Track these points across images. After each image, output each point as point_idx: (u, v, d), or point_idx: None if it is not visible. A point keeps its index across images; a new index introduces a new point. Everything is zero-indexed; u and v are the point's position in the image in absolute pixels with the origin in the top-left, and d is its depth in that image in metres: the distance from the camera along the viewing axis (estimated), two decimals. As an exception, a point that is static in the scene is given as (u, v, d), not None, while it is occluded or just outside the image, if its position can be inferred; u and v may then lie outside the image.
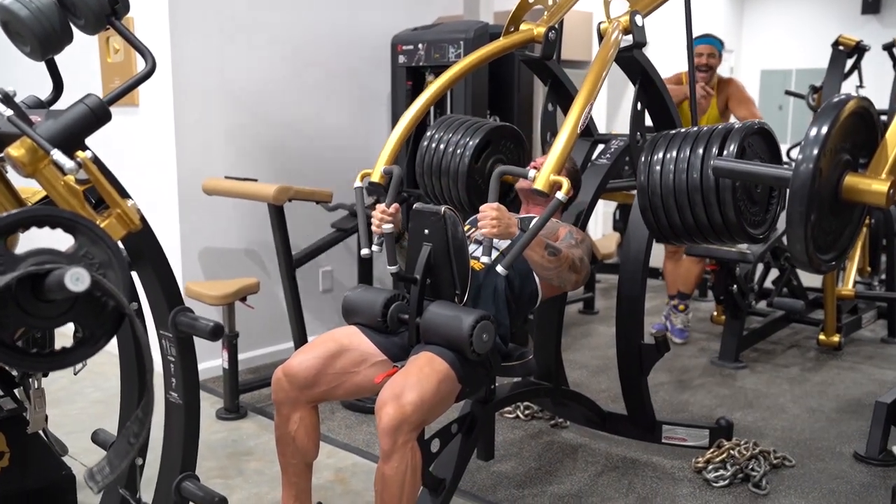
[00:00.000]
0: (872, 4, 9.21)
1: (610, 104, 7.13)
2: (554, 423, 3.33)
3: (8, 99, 1.53)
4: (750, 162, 1.89)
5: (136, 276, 1.87)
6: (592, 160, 3.02)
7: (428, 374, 2.12)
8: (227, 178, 3.57)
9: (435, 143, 2.88)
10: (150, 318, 1.91)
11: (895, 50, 4.88)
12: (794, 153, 5.79)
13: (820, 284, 5.26)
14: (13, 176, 1.58)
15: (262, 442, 3.16)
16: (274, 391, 2.32)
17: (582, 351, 4.43)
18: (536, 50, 2.88)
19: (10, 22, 1.61)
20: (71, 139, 1.52)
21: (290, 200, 3.36)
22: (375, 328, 2.38)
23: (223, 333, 1.71)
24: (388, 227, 2.36)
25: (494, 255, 2.45)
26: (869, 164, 1.69)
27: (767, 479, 2.82)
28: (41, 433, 2.18)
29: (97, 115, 1.56)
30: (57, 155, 1.43)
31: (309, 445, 2.34)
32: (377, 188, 2.53)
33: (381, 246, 2.41)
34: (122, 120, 3.86)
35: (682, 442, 3.02)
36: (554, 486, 2.81)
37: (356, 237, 4.06)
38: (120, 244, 1.80)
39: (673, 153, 2.27)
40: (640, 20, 2.66)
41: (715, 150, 2.18)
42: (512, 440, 3.20)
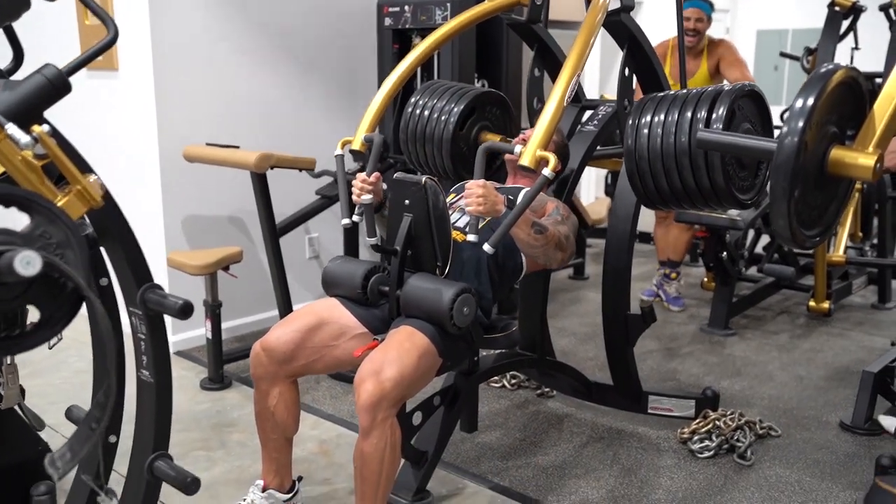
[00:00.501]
0: (871, -37, 9.03)
1: (603, 66, 7.03)
2: (540, 392, 3.32)
3: (-40, 70, 1.46)
4: (735, 134, 1.84)
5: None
6: (580, 127, 2.96)
7: (408, 348, 2.09)
8: (208, 144, 3.50)
9: (419, 109, 2.82)
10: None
11: (892, 11, 4.78)
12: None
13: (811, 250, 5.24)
14: None
15: (245, 413, 3.14)
16: (252, 366, 2.29)
17: (570, 318, 4.41)
18: (523, 13, 2.80)
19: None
20: (27, 112, 1.46)
21: (272, 168, 3.30)
22: (356, 300, 2.34)
23: (192, 312, 1.66)
24: (366, 197, 2.31)
25: (481, 225, 2.41)
26: (856, 135, 1.64)
27: (752, 449, 2.81)
28: (16, 408, 2.15)
29: (55, 86, 1.49)
30: (11, 129, 1.37)
31: (289, 420, 2.32)
32: (358, 156, 2.47)
33: (361, 216, 2.36)
34: (101, 84, 3.78)
35: (668, 412, 3.00)
36: (538, 457, 2.80)
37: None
38: (87, 220, 1.76)
39: (661, 116, 2.22)
40: (628, -18, 2.58)
41: (703, 113, 2.12)
42: (497, 410, 3.19)
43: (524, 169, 2.13)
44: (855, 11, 4.93)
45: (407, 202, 2.27)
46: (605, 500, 2.52)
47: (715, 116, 2.12)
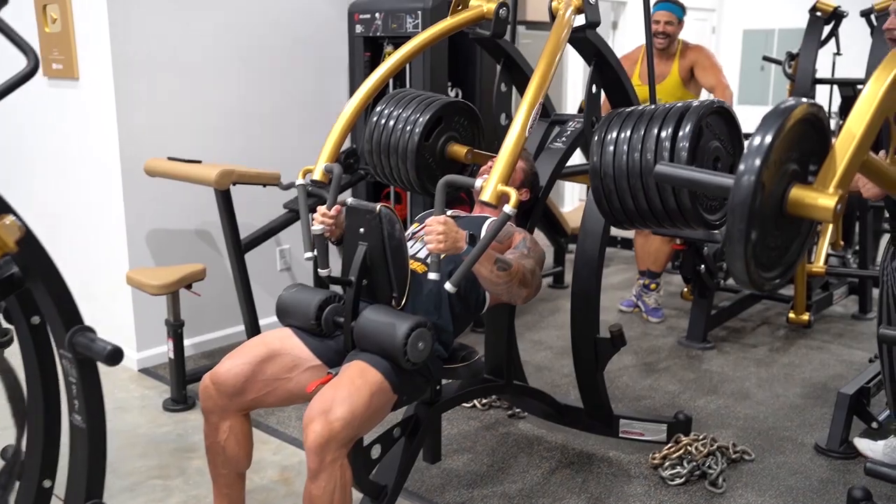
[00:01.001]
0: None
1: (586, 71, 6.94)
2: (511, 413, 3.24)
3: None
4: (692, 168, 1.75)
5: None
6: (549, 143, 2.87)
7: (359, 386, 2.01)
8: (170, 159, 3.40)
9: (384, 119, 2.73)
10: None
11: (873, 16, 4.70)
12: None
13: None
14: None
15: (207, 437, 3.05)
16: (201, 399, 2.20)
17: (548, 330, 4.33)
18: (488, 27, 2.71)
19: None
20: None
21: (234, 184, 3.20)
22: (310, 331, 2.26)
23: (121, 358, 1.58)
24: (317, 227, 2.22)
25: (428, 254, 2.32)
26: (818, 172, 1.55)
27: (724, 476, 2.74)
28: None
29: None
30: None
31: (240, 455, 2.23)
32: (320, 186, 2.38)
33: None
34: (61, 94, 3.68)
35: (639, 436, 2.93)
36: (505, 484, 2.72)
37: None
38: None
39: (627, 132, 2.14)
40: (594, -3, 2.49)
41: (670, 130, 2.05)
42: (466, 432, 3.11)
43: (486, 205, 2.05)
44: (836, 17, 4.87)
45: (362, 230, 2.19)
46: (570, 532, 2.45)
47: (682, 134, 2.05)
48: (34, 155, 3.94)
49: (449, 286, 1.98)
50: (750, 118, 2.53)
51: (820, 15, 4.86)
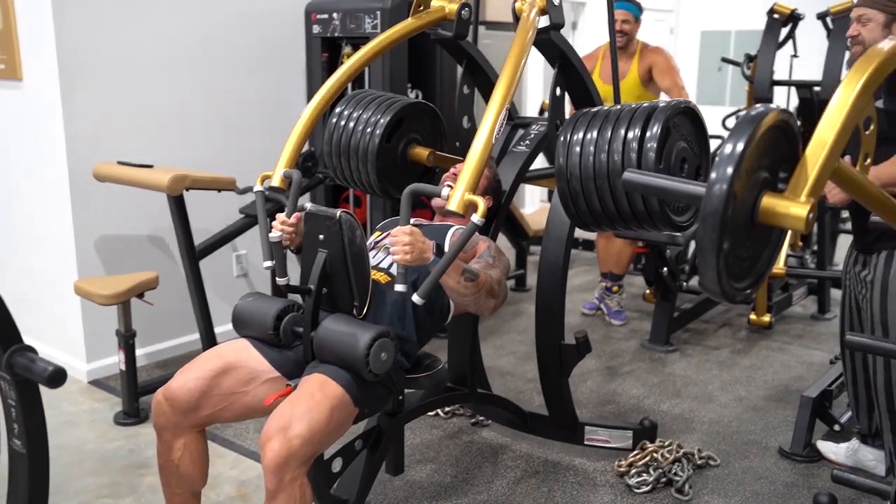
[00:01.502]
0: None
1: (547, 71, 6.91)
2: (475, 421, 3.18)
3: None
4: (661, 175, 1.71)
5: None
6: (511, 146, 2.82)
7: (319, 400, 1.93)
8: (120, 163, 3.27)
9: (343, 120, 2.65)
10: None
11: (829, 19, 4.75)
12: (729, 123, 5.68)
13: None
14: None
15: (160, 451, 2.94)
16: (154, 416, 2.10)
17: (510, 334, 4.29)
18: (449, 29, 2.65)
19: None
20: None
21: (187, 189, 3.10)
22: (268, 342, 2.17)
23: (63, 380, 1.48)
24: (275, 234, 2.14)
25: (392, 264, 2.26)
26: (789, 178, 1.52)
27: (691, 482, 2.71)
28: None
29: None
30: None
31: (195, 473, 2.14)
32: (278, 192, 2.30)
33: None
34: (2, 96, 3.53)
35: (604, 444, 2.89)
36: (470, 496, 2.66)
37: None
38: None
39: (593, 133, 2.10)
40: (557, -1, 2.45)
41: (637, 131, 2.01)
42: (429, 441, 3.04)
43: (452, 214, 1.99)
44: (794, 19, 4.91)
45: (321, 237, 2.11)
46: (537, 544, 2.41)
47: (649, 135, 2.01)
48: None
49: (416, 298, 1.92)
50: (707, 118, 2.51)
51: (777, 17, 4.89)
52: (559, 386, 2.78)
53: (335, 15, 3.85)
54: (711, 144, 2.23)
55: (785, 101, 5.29)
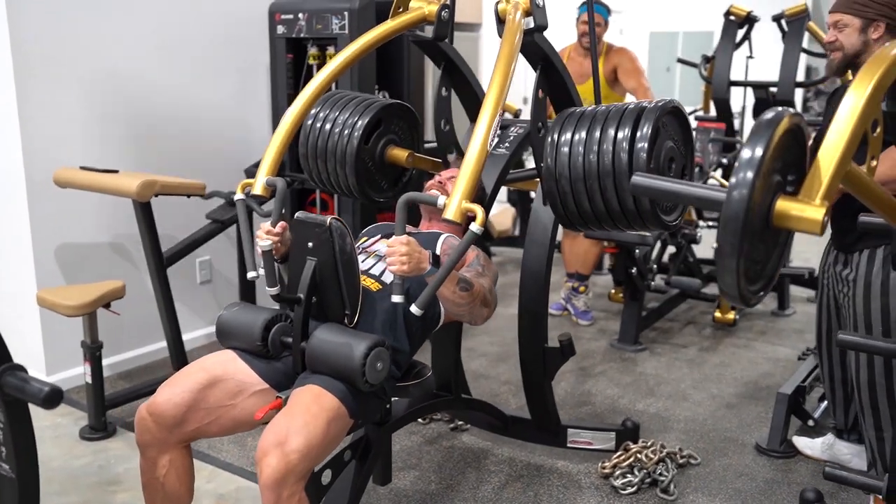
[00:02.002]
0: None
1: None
2: (454, 426, 3.15)
3: None
4: (670, 179, 1.71)
5: None
6: (491, 149, 2.79)
7: (316, 413, 1.88)
8: (83, 168, 3.15)
9: (320, 122, 2.59)
10: None
11: (783, 21, 4.85)
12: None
13: (713, 256, 5.29)
14: None
15: (132, 466, 2.84)
16: (138, 433, 2.02)
17: (479, 337, 4.26)
18: (428, 30, 2.61)
19: None
20: None
21: (156, 195, 3.00)
22: (255, 353, 2.11)
23: (60, 400, 1.40)
24: (265, 243, 2.08)
25: (388, 274, 2.21)
26: (796, 182, 1.52)
27: (675, 482, 2.73)
28: None
29: None
30: None
31: (181, 491, 2.07)
32: (260, 201, 2.23)
33: None
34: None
35: (587, 446, 2.89)
36: (457, 502, 2.63)
37: (236, 227, 3.74)
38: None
39: (581, 134, 2.08)
40: (541, 0, 2.43)
41: (627, 131, 2.00)
42: (410, 448, 3.00)
43: (449, 223, 1.95)
44: (749, 21, 5.00)
45: (310, 245, 2.05)
46: (529, 550, 2.39)
47: (640, 135, 2.00)
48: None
49: (415, 309, 1.88)
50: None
51: (734, 19, 4.98)
52: (542, 389, 2.77)
53: (301, 15, 3.78)
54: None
55: (741, 101, 5.39)
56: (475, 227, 1.87)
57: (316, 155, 2.63)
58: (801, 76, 5.21)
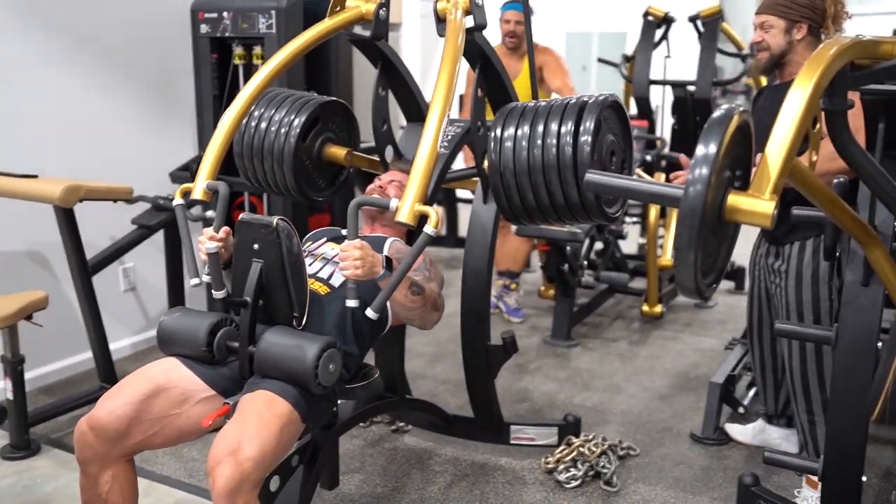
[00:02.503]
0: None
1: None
2: (395, 428, 3.13)
3: None
4: (622, 176, 1.74)
5: None
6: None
7: (268, 419, 1.83)
8: (-1, 173, 3.00)
9: (255, 121, 2.55)
10: None
11: (699, 22, 5.01)
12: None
13: (636, 252, 5.43)
14: None
15: (60, 485, 2.71)
16: (78, 448, 1.93)
17: (414, 336, 4.24)
18: (365, 29, 2.59)
19: None
20: None
21: (80, 201, 2.87)
22: (200, 359, 2.05)
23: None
24: (212, 245, 2.02)
25: (337, 277, 2.19)
26: (742, 177, 1.58)
27: (617, 473, 2.78)
28: None
29: None
30: None
31: (125, 507, 1.99)
32: (201, 206, 2.17)
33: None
34: None
35: (530, 442, 2.92)
36: (404, 504, 2.63)
37: (163, 232, 3.62)
38: None
39: (525, 128, 2.09)
40: (480, -1, 2.44)
41: (571, 125, 2.03)
42: (352, 452, 2.97)
43: (403, 225, 1.93)
44: (667, 22, 5.15)
45: (256, 247, 2.01)
46: (480, 548, 2.39)
47: (583, 129, 2.03)
48: None
49: (371, 312, 1.86)
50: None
51: (652, 20, 5.12)
52: (486, 387, 2.78)
53: (225, 14, 3.68)
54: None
55: (661, 99, 5.54)
56: (429, 229, 1.86)
57: (252, 154, 2.58)
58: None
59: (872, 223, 2.02)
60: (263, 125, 2.54)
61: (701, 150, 1.42)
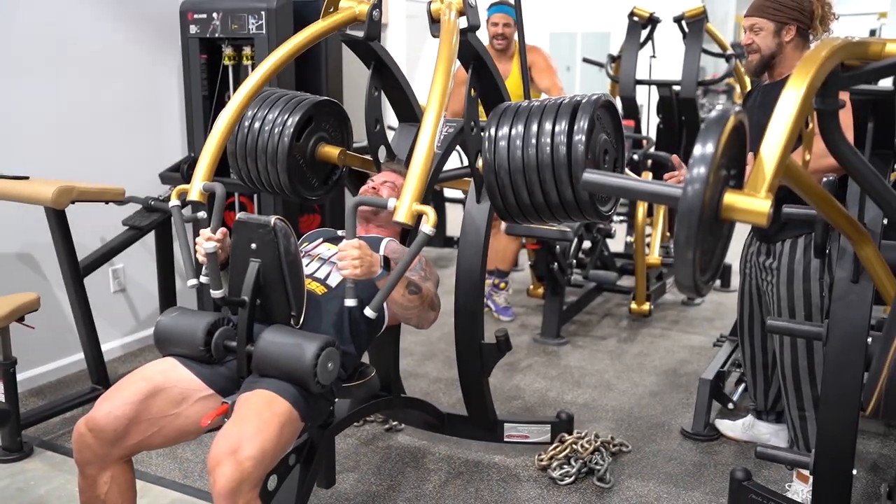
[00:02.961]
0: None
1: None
2: (389, 427, 3.14)
3: None
4: (620, 175, 1.76)
5: None
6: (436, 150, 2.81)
7: (268, 419, 1.84)
8: (-11, 174, 2.98)
9: (249, 120, 2.56)
10: None
11: (684, 23, 5.05)
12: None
13: (623, 250, 5.47)
14: None
15: (54, 487, 2.70)
16: (77, 450, 1.94)
17: (405, 336, 4.21)
18: (358, 30, 2.60)
19: None
20: None
21: (73, 202, 2.87)
22: (198, 358, 2.05)
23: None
24: (210, 245, 2.02)
25: (333, 277, 2.21)
26: (737, 176, 1.60)
27: (610, 470, 2.81)
28: None
29: None
30: None
31: (124, 509, 1.99)
32: (197, 207, 2.17)
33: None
34: None
35: (524, 439, 2.94)
36: (400, 502, 2.63)
37: (154, 233, 3.62)
38: None
39: (519, 128, 2.12)
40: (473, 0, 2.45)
41: (564, 124, 2.06)
42: (346, 451, 2.98)
43: (400, 226, 1.94)
44: (652, 22, 5.18)
45: (254, 246, 2.01)
46: (476, 545, 2.41)
47: (577, 128, 2.06)
48: None
49: (370, 311, 1.87)
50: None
51: (637, 20, 5.16)
52: (480, 385, 2.80)
53: (215, 15, 3.68)
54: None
55: (646, 98, 5.57)
56: (427, 228, 1.88)
57: (245, 154, 2.60)
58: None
59: (862, 220, 2.06)
60: (257, 125, 2.55)
61: (699, 149, 1.44)
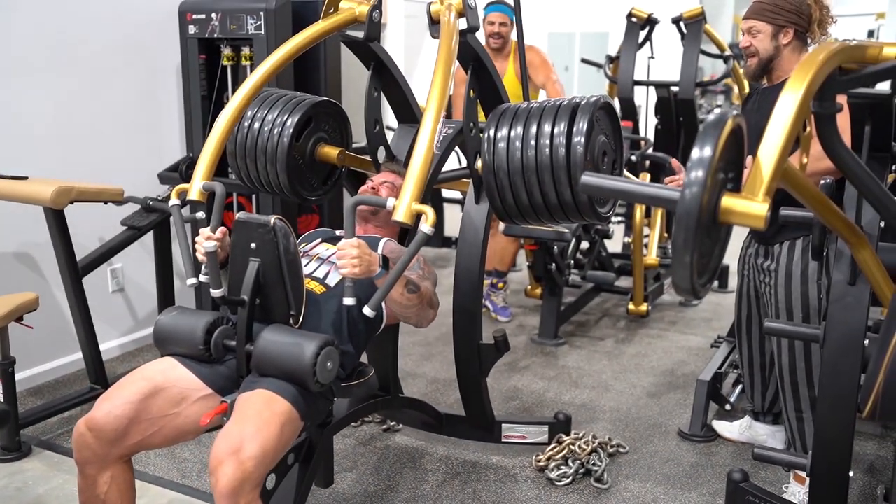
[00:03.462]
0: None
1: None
2: (386, 427, 3.15)
3: None
4: (619, 178, 1.77)
5: None
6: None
7: (268, 419, 1.85)
8: (-12, 175, 2.99)
9: (248, 121, 2.58)
10: None
11: (682, 23, 5.06)
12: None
13: (621, 251, 5.48)
14: None
15: (52, 487, 2.71)
16: (76, 449, 1.94)
17: (402, 336, 4.17)
18: (358, 31, 2.61)
19: None
20: None
21: (72, 203, 2.87)
22: (196, 357, 2.06)
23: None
24: (210, 244, 2.03)
25: (332, 277, 2.21)
26: (734, 179, 1.61)
27: (608, 471, 2.82)
28: None
29: None
30: None
31: (123, 509, 2.00)
32: (197, 206, 2.18)
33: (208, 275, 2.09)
34: None
35: (522, 440, 2.95)
36: (398, 502, 2.64)
37: (153, 233, 3.62)
38: None
39: (518, 129, 2.14)
40: (473, 1, 2.46)
41: (563, 126, 2.07)
42: (344, 451, 2.98)
43: (400, 225, 1.95)
44: (650, 23, 5.19)
45: (253, 246, 2.02)
46: (474, 545, 2.42)
47: (576, 129, 2.07)
48: None
49: (368, 311, 1.88)
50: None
51: (635, 21, 5.16)
52: (478, 386, 2.80)
53: (214, 15, 3.68)
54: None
55: (644, 99, 5.58)
56: (426, 227, 1.89)
57: (245, 154, 2.61)
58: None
59: (859, 223, 2.07)
60: (257, 125, 2.56)
61: (696, 153, 1.45)
